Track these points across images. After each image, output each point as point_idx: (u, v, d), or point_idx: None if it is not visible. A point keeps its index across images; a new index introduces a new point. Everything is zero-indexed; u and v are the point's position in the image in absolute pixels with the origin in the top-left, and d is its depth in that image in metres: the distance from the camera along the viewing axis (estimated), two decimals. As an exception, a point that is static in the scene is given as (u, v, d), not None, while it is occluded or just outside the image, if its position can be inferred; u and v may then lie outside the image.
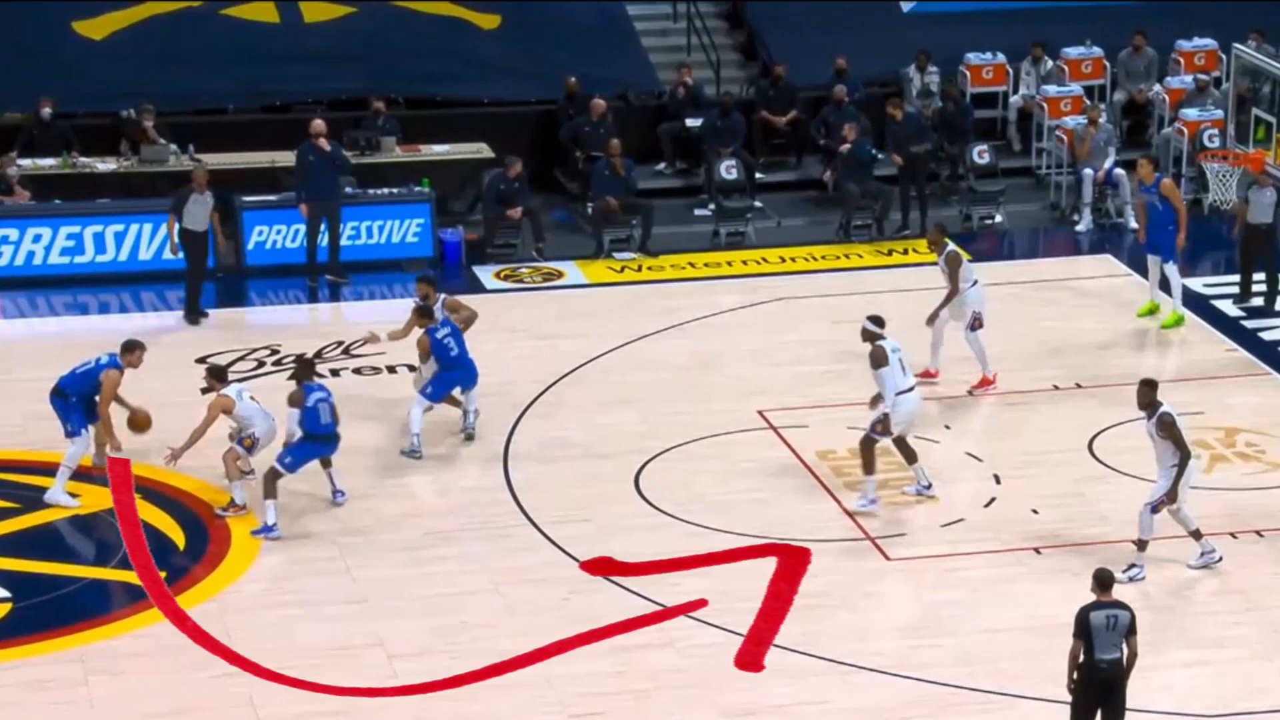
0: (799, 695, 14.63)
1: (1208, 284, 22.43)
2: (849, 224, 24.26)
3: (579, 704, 14.51)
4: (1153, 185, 20.85)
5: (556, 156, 25.67)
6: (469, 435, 18.69)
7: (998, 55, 26.87)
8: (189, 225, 21.58)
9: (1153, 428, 15.77)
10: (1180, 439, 15.72)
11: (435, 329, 18.62)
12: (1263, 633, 15.45)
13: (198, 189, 21.54)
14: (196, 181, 21.60)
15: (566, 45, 26.33)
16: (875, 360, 16.88)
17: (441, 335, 18.59)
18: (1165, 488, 15.78)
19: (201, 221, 21.63)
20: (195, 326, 21.70)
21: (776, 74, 26.23)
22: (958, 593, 16.07)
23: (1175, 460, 15.74)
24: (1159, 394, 15.93)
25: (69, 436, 17.39)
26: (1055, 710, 13.71)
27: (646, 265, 23.61)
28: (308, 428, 17.24)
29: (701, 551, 16.68)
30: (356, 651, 15.20)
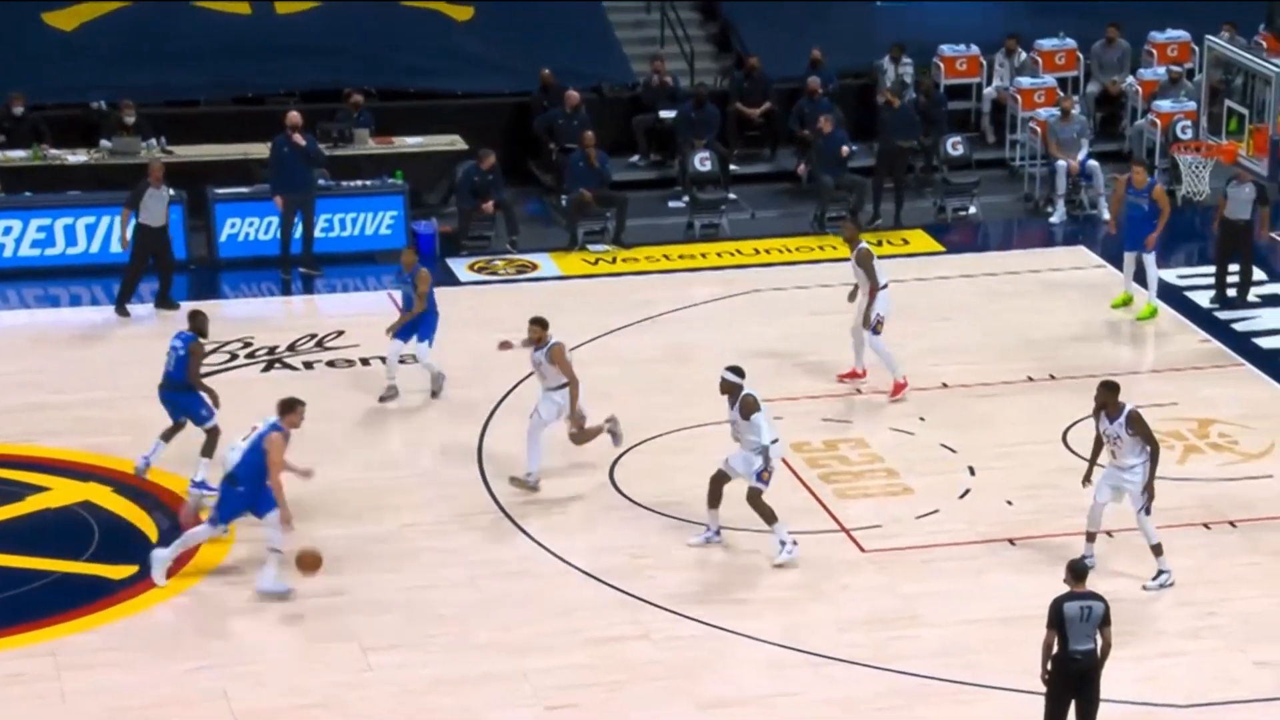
0: (775, 687, 14.63)
1: (1181, 276, 22.47)
2: (823, 216, 24.26)
3: (555, 696, 14.50)
4: (1145, 189, 20.83)
5: (531, 149, 25.62)
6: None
7: (971, 47, 26.89)
8: (144, 220, 21.43)
9: (1122, 428, 15.71)
10: (1150, 433, 15.73)
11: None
12: (1236, 623, 15.48)
13: (154, 183, 21.39)
14: (153, 175, 21.45)
15: (540, 37, 26.27)
16: (748, 409, 16.08)
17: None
18: (1140, 486, 15.73)
19: (158, 216, 21.49)
20: (125, 319, 21.45)
21: (751, 66, 26.22)
22: (933, 584, 16.08)
23: (1142, 457, 15.72)
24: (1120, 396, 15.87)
25: (259, 516, 15.80)
26: (1030, 701, 13.72)
27: (621, 258, 23.59)
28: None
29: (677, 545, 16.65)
30: (331, 645, 15.15)
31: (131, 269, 21.62)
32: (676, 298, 22.20)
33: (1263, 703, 14.38)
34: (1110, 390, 15.83)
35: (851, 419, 18.96)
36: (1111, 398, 15.78)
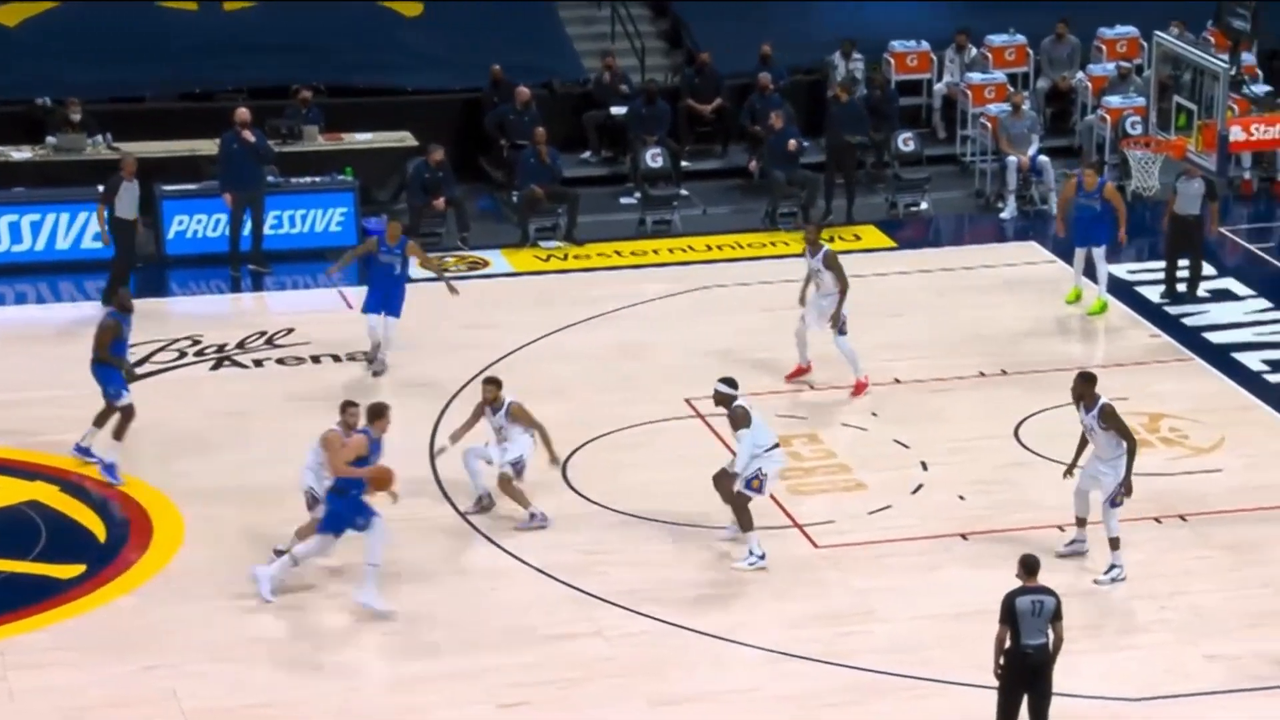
0: (729, 684, 14.62)
1: (1131, 271, 22.54)
2: (775, 211, 24.26)
3: (507, 694, 14.44)
4: (1095, 190, 20.86)
5: (481, 145, 25.54)
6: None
7: (922, 43, 26.93)
8: (120, 214, 21.34)
9: (1094, 420, 15.75)
10: (1125, 428, 15.74)
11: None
12: (1187, 617, 15.53)
13: (127, 176, 21.30)
14: (126, 169, 21.36)
15: (490, 33, 26.19)
16: (738, 421, 16.08)
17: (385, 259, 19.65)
18: (1115, 481, 15.75)
19: (132, 209, 21.42)
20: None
21: (701, 62, 26.19)
22: (885, 580, 16.08)
23: (1120, 451, 15.74)
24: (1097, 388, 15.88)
25: (361, 529, 15.65)
26: (982, 696, 13.72)
27: (572, 254, 23.53)
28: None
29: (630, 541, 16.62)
30: (282, 644, 15.07)
31: (119, 261, 21.49)
32: (628, 294, 22.16)
33: (1214, 696, 14.44)
34: (1087, 382, 15.88)
35: (804, 415, 18.94)
36: (1088, 389, 15.83)
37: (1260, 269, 22.90)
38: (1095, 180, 20.93)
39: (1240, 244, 23.62)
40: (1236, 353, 20.47)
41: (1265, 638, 15.13)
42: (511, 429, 16.84)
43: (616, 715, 14.29)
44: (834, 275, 19.09)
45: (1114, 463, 15.76)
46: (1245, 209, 24.88)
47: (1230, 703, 14.37)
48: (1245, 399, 19.40)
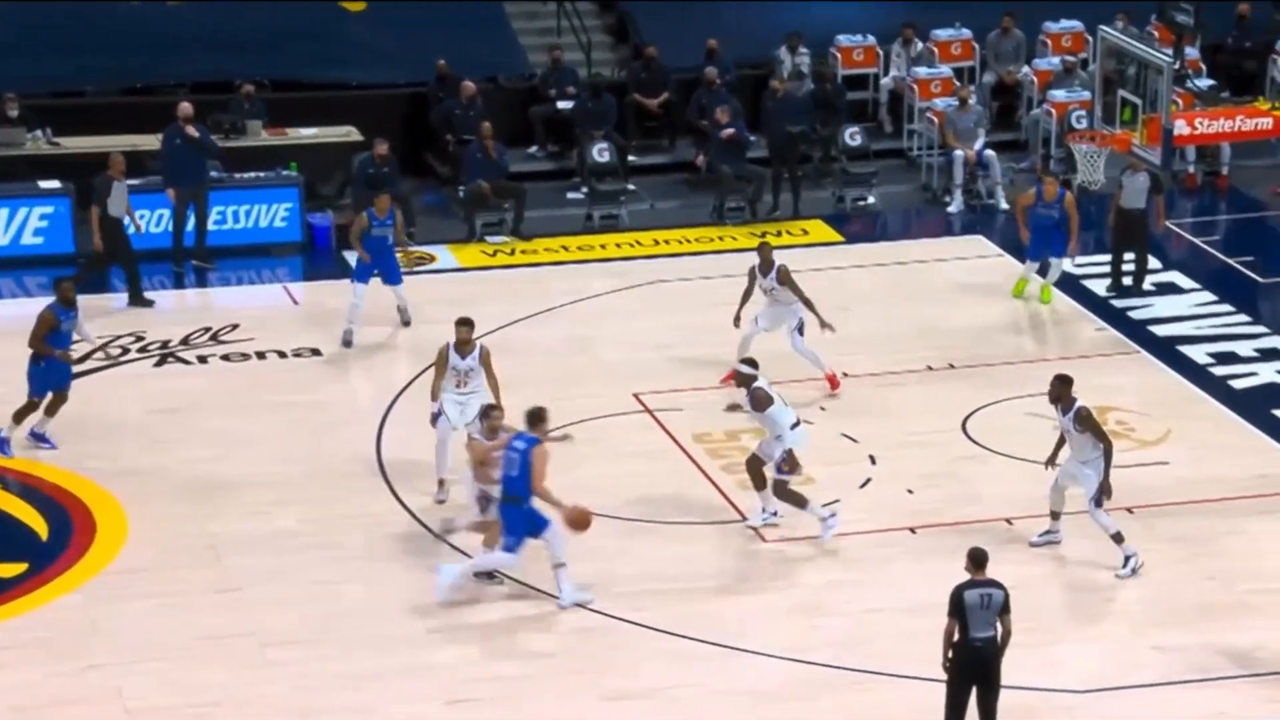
0: (678, 678, 14.58)
1: (1078, 264, 22.56)
2: (723, 206, 24.23)
3: (457, 690, 14.37)
4: (1055, 201, 20.85)
5: (427, 140, 25.42)
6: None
7: (868, 38, 26.95)
8: (112, 213, 21.27)
9: (1070, 422, 15.79)
10: (1100, 430, 15.77)
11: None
12: (1134, 608, 15.59)
13: (116, 175, 21.24)
14: (115, 168, 21.31)
15: (435, 27, 26.07)
16: (760, 403, 16.21)
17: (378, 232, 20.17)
18: (1096, 481, 15.77)
19: (122, 208, 21.35)
20: (149, 308, 21.41)
21: (648, 56, 26.13)
22: (834, 574, 16.08)
23: (1096, 453, 15.78)
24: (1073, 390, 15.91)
25: (537, 536, 15.49)
26: (931, 689, 13.72)
27: (519, 249, 23.44)
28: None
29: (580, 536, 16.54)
30: (228, 641, 14.95)
31: (126, 262, 21.46)
32: (576, 289, 22.10)
33: (1161, 687, 14.47)
34: (1064, 384, 15.92)
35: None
36: (1065, 391, 15.88)
37: (1205, 262, 23.00)
38: (1055, 190, 20.89)
39: (1185, 237, 23.72)
40: (1182, 346, 20.55)
41: (1212, 629, 15.19)
42: (479, 375, 16.91)
43: (566, 711, 14.23)
44: (792, 290, 18.98)
45: (1094, 463, 15.81)
46: (1190, 203, 24.99)
47: (1177, 694, 14.42)
48: (1191, 392, 19.48)
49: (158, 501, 17.05)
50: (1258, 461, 17.97)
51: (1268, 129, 20.42)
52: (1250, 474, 17.66)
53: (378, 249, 20.45)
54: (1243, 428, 18.68)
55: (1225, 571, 15.96)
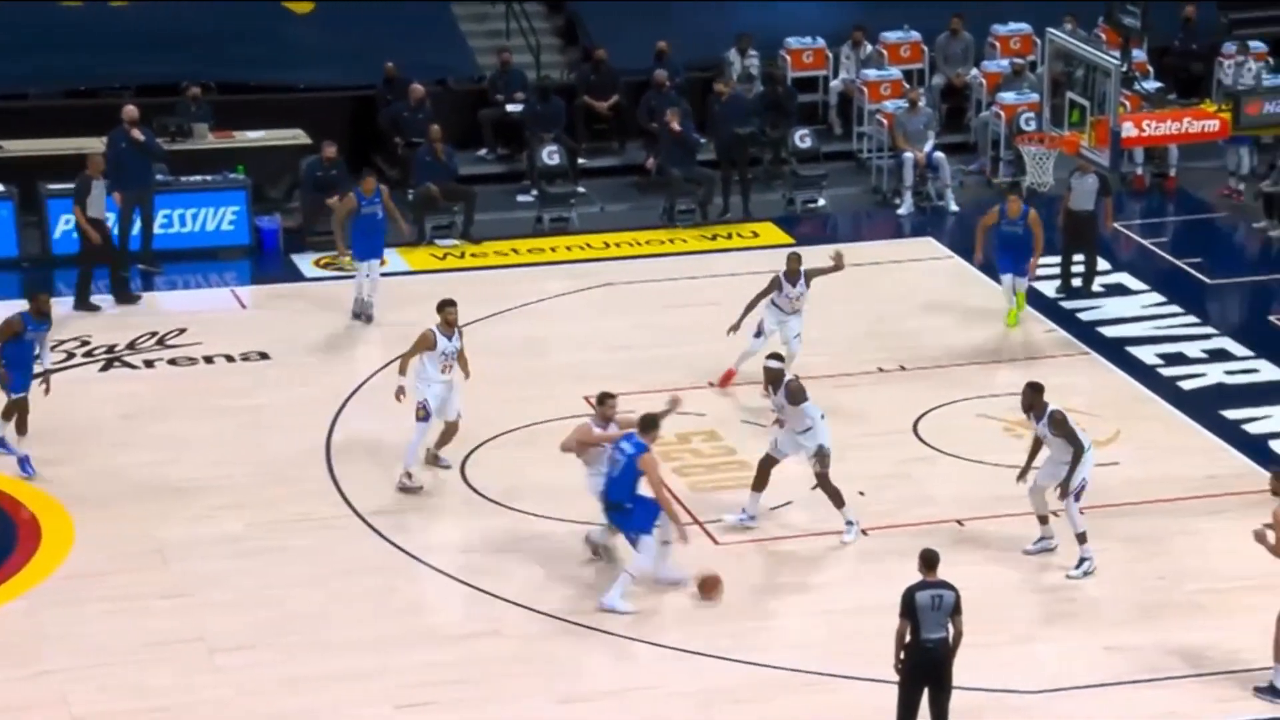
0: (632, 681, 14.55)
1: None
2: (673, 209, 24.20)
3: (407, 695, 14.29)
4: (1019, 218, 20.68)
5: (376, 143, 25.30)
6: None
7: (817, 40, 26.96)
8: (92, 213, 21.18)
9: (1045, 428, 15.81)
10: (1073, 434, 15.79)
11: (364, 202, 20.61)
12: (1087, 609, 15.62)
13: (95, 175, 21.12)
14: (94, 168, 21.19)
15: (383, 30, 25.95)
16: (796, 395, 16.23)
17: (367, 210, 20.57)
18: (1079, 482, 15.79)
19: (101, 208, 21.26)
20: (133, 305, 21.38)
21: (597, 58, 26.08)
22: (787, 575, 16.07)
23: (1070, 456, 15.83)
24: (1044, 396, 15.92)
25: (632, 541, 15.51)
26: (883, 690, 13.72)
27: (469, 252, 23.36)
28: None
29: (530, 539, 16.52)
30: (176, 647, 14.84)
31: (110, 260, 21.39)
32: (527, 292, 22.03)
33: (1113, 687, 14.50)
34: (1035, 391, 15.94)
35: (704, 412, 18.88)
36: (1037, 398, 15.89)
37: (1154, 263, 23.09)
38: (1019, 207, 20.67)
39: (1134, 239, 23.81)
40: (1131, 346, 20.62)
41: (1163, 629, 15.23)
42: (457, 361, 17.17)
43: (519, 714, 14.18)
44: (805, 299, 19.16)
45: (1067, 465, 15.82)
46: (1138, 204, 25.08)
47: (1129, 694, 14.44)
48: (1140, 392, 19.54)
49: (104, 506, 16.91)
50: (1206, 462, 18.04)
51: (1214, 131, 20.50)
52: (1199, 474, 17.72)
53: (368, 227, 20.77)
54: (1191, 428, 18.75)
55: (1176, 571, 16.01)
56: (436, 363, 17.10)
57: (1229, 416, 18.93)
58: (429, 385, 17.13)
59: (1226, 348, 20.59)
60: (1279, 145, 24.37)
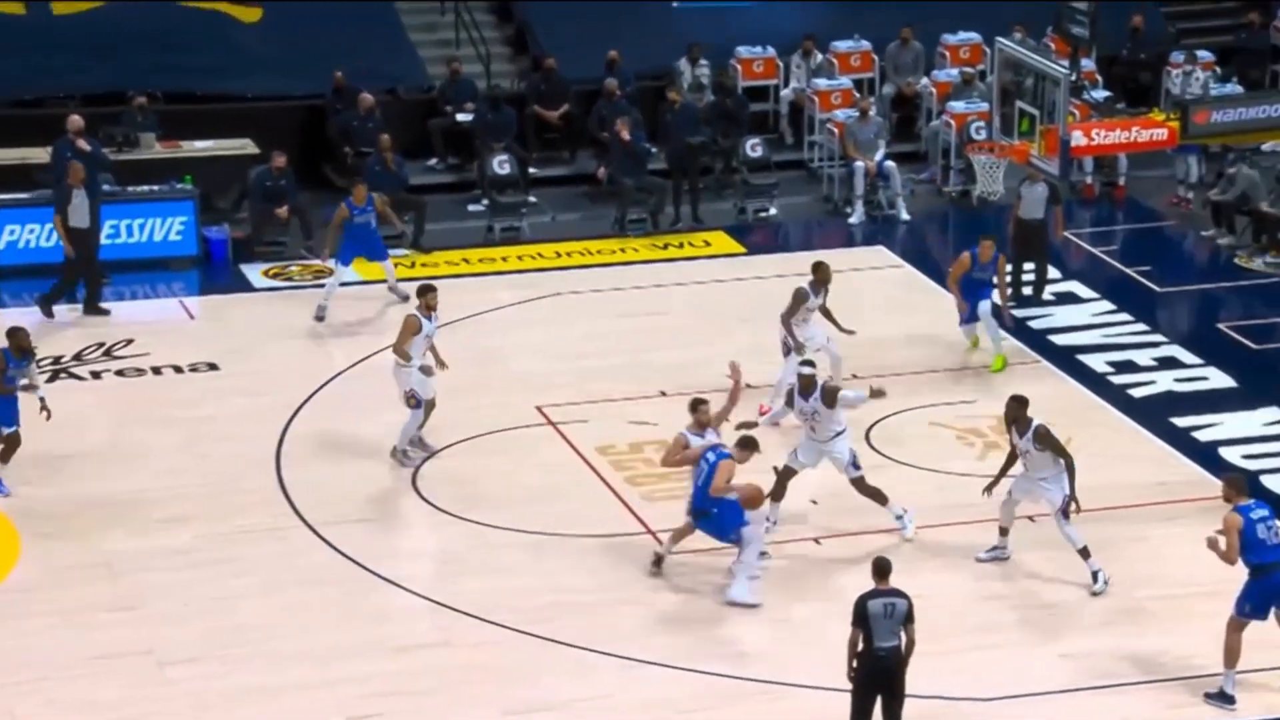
0: (582, 691, 14.49)
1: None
2: (624, 218, 24.16)
3: (358, 706, 14.22)
4: (990, 263, 20.32)
5: (325, 152, 25.19)
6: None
7: (768, 49, 26.97)
8: (74, 223, 21.06)
9: (1029, 443, 15.77)
10: (1060, 446, 15.76)
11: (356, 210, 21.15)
12: (1039, 616, 15.62)
13: (75, 184, 21.00)
14: (74, 176, 21.07)
15: (332, 38, 25.83)
16: (832, 396, 16.37)
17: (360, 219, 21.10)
18: (1059, 496, 15.72)
19: (84, 217, 21.14)
20: (104, 316, 21.21)
21: (548, 67, 26.03)
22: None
23: (1056, 468, 15.75)
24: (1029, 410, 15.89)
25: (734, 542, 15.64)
26: (836, 698, 13.70)
27: (420, 262, 23.26)
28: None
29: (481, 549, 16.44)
30: (125, 659, 14.73)
31: (88, 271, 21.31)
32: (478, 301, 21.95)
33: (1065, 694, 14.51)
34: (1019, 405, 15.90)
35: (656, 421, 18.83)
36: (1021, 412, 15.85)
37: (1103, 272, 23.16)
38: (991, 253, 20.06)
39: (1084, 247, 23.88)
40: (1082, 355, 20.67)
41: (1115, 635, 15.27)
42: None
43: (469, 725, 14.13)
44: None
45: (1054, 479, 15.79)
46: (1088, 213, 25.14)
47: (1083, 701, 14.46)
48: (1091, 400, 19.58)
49: (51, 519, 16.77)
50: (1157, 469, 18.09)
51: (1163, 140, 20.59)
52: (1150, 481, 17.77)
53: (361, 234, 21.31)
54: (1142, 436, 18.80)
55: (1127, 578, 16.03)
56: (421, 346, 17.68)
57: (1179, 424, 18.99)
58: (411, 373, 17.67)
59: (1176, 355, 20.66)
60: (1227, 154, 24.48)
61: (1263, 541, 14.14)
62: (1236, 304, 22.27)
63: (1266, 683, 14.51)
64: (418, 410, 17.71)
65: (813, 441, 16.54)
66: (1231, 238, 23.65)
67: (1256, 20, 27.86)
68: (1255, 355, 20.62)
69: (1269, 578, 14.17)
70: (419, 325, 17.73)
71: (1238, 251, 23.38)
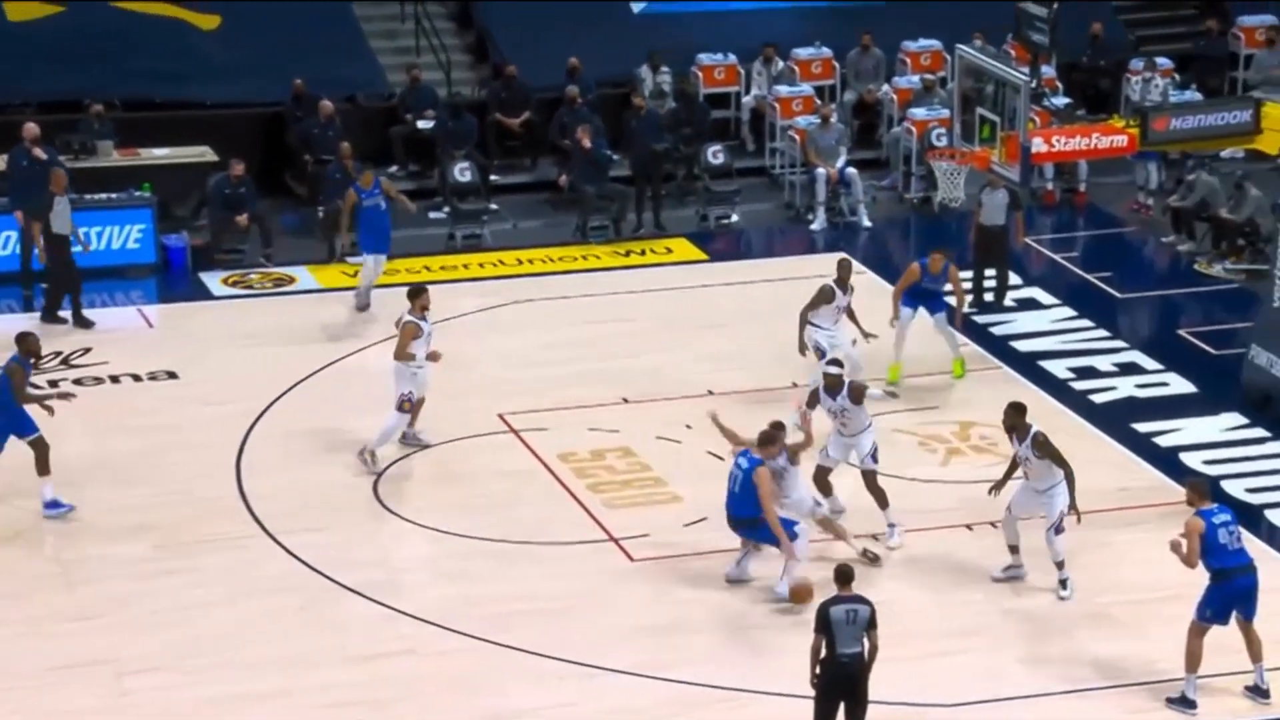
0: (545, 699, 14.44)
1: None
2: (586, 225, 24.12)
3: (321, 715, 14.15)
4: (940, 273, 20.31)
5: (286, 160, 25.07)
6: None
7: (729, 56, 26.98)
8: (56, 229, 20.94)
9: (1028, 450, 15.72)
10: (1059, 455, 15.67)
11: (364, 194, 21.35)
12: (1003, 621, 15.62)
13: (58, 192, 20.89)
14: (57, 184, 20.96)
15: (291, 46, 25.73)
16: (859, 393, 16.55)
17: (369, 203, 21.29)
18: (1058, 508, 15.66)
19: (66, 224, 21.03)
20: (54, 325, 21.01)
21: (509, 75, 25.98)
22: (702, 591, 15.96)
23: (1055, 479, 15.69)
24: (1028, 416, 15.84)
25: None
26: (798, 705, 13.66)
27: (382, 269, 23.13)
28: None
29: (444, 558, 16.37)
30: (85, 670, 14.63)
31: (55, 277, 21.15)
32: (440, 309, 21.70)
33: (1028, 699, 14.50)
34: (1018, 413, 15.81)
35: (618, 428, 18.80)
36: (1018, 420, 15.77)
37: (1064, 278, 23.20)
38: (942, 264, 19.89)
39: (1045, 253, 23.92)
40: (1043, 360, 20.69)
41: (1079, 640, 15.27)
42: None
43: (432, 735, 14.06)
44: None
45: (1056, 490, 15.68)
46: (1049, 219, 25.20)
47: (1045, 706, 14.45)
48: (1052, 406, 19.58)
49: (8, 528, 16.64)
50: (1118, 474, 18.11)
51: (1123, 146, 20.64)
52: (1111, 486, 17.78)
53: (373, 218, 21.40)
54: (1103, 441, 18.82)
55: (1089, 583, 16.04)
56: (421, 348, 17.82)
57: (1140, 429, 19.03)
58: (414, 376, 17.81)
59: (1137, 361, 20.71)
60: (1186, 160, 24.57)
61: (1224, 546, 14.17)
62: (1196, 310, 22.34)
63: (1228, 687, 14.52)
64: (405, 415, 17.78)
65: (841, 437, 16.67)
66: (1191, 244, 23.73)
67: (1215, 27, 28.00)
68: (1215, 361, 20.68)
69: (1230, 583, 14.20)
70: (418, 329, 17.88)
71: (1197, 257, 23.46)
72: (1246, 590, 14.24)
